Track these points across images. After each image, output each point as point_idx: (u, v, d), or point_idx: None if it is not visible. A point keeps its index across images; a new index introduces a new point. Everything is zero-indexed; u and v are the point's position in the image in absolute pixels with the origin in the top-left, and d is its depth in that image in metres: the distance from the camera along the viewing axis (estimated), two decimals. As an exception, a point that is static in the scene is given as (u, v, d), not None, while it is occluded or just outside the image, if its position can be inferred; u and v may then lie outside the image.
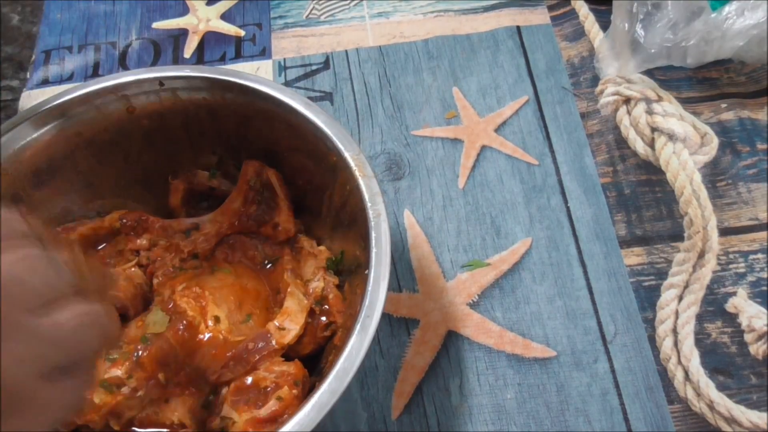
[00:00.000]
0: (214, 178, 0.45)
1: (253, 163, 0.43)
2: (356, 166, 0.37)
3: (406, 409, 0.42)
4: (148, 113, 0.42)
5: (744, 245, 0.46)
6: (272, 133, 0.41)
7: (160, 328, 0.37)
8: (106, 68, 0.57)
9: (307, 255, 0.42)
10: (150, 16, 0.60)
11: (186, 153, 0.45)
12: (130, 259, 0.42)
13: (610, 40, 0.54)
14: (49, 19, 0.60)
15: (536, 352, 0.43)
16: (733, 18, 0.48)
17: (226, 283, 0.40)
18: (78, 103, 0.40)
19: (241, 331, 0.38)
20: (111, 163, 0.43)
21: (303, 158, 0.41)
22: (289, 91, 0.39)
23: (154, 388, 0.37)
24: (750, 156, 0.50)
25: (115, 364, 0.36)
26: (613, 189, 0.49)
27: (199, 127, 0.43)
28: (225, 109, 0.41)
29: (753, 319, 0.44)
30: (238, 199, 0.43)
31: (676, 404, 0.42)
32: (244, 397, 0.36)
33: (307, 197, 0.43)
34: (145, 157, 0.44)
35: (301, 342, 0.39)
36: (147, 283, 0.42)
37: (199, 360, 0.37)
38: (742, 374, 0.42)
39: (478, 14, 0.59)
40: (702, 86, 0.54)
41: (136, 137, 0.43)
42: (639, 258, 0.46)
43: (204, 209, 0.45)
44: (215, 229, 0.43)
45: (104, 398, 0.36)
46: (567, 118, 0.53)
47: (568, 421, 0.41)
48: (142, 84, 0.41)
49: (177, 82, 0.41)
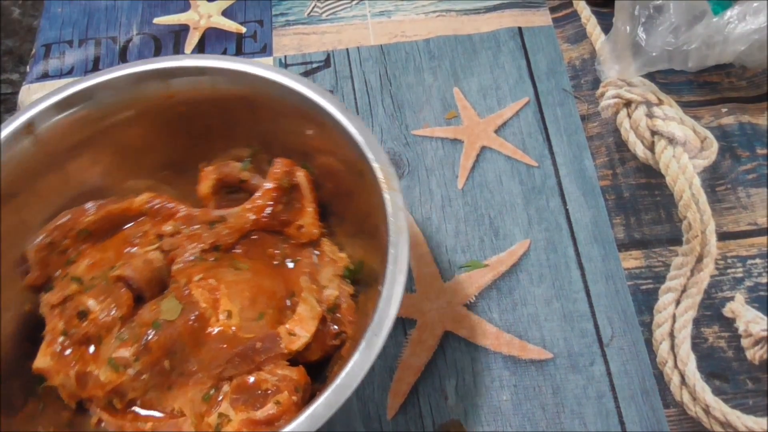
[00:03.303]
0: (246, 171, 0.45)
1: (285, 160, 0.42)
2: (383, 179, 0.36)
3: (402, 409, 0.42)
4: (185, 100, 0.42)
5: (742, 250, 0.46)
6: (306, 133, 0.41)
7: (172, 315, 0.37)
8: (106, 63, 0.57)
9: (327, 260, 0.42)
10: (151, 12, 0.60)
11: (220, 143, 0.45)
12: (153, 242, 0.42)
13: (611, 42, 0.53)
14: (49, 13, 0.60)
15: (533, 354, 0.43)
16: (734, 22, 0.48)
17: (243, 279, 0.40)
18: (121, 83, 0.41)
19: (251, 329, 0.38)
20: (145, 145, 0.44)
21: (333, 162, 0.41)
22: (326, 94, 0.39)
23: (158, 374, 0.37)
24: (750, 161, 0.50)
25: (124, 344, 0.37)
26: (612, 192, 0.49)
27: (235, 118, 0.43)
28: (262, 104, 0.41)
29: (750, 324, 0.44)
30: (266, 196, 0.42)
31: (671, 408, 0.42)
32: (243, 396, 0.36)
33: (334, 201, 0.43)
34: (180, 143, 0.44)
35: (309, 348, 0.38)
36: (166, 268, 0.42)
37: (206, 352, 0.37)
38: (739, 379, 0.42)
39: (480, 15, 0.59)
40: (703, 90, 0.54)
41: (173, 122, 0.43)
42: (637, 261, 0.46)
43: (232, 201, 0.45)
44: (240, 223, 0.42)
45: (110, 376, 0.37)
46: (567, 120, 0.53)
47: (564, 423, 0.41)
48: (183, 71, 0.41)
49: (217, 72, 0.41)
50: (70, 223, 0.42)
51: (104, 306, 0.39)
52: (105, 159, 0.43)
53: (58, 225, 0.42)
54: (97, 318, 0.38)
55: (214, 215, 0.43)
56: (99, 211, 0.43)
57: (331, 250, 0.42)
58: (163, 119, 0.43)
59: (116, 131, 0.42)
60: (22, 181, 0.40)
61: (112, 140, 0.43)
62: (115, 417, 0.38)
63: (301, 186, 0.42)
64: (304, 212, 0.42)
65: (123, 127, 0.42)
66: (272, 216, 0.42)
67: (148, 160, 0.45)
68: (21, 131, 0.39)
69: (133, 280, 0.40)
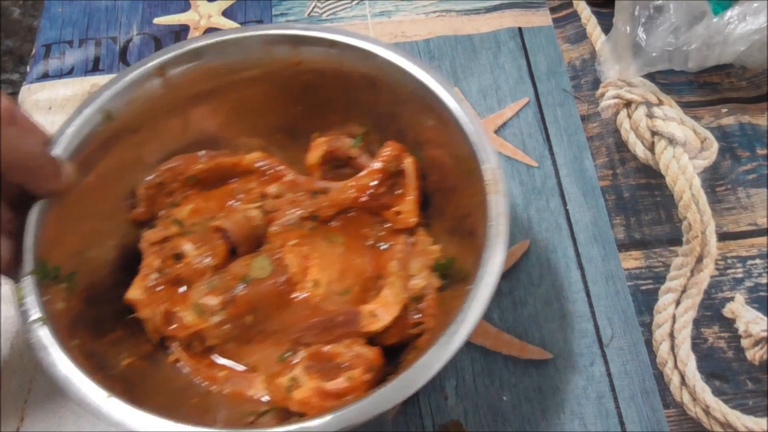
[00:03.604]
0: (356, 148, 0.45)
1: (396, 145, 0.43)
2: (491, 181, 0.36)
3: (402, 410, 0.42)
4: (312, 69, 0.43)
5: (742, 250, 0.46)
6: (422, 123, 0.41)
7: (263, 274, 0.39)
8: (106, 63, 0.57)
9: (420, 250, 0.42)
10: (151, 12, 0.60)
11: (336, 116, 0.45)
12: (256, 200, 0.44)
13: (611, 43, 0.53)
14: (50, 13, 0.60)
15: (532, 355, 0.43)
16: (734, 23, 0.48)
17: (335, 253, 0.41)
18: (252, 43, 0.42)
19: (335, 302, 0.39)
20: (265, 105, 0.45)
21: (444, 155, 0.41)
22: (450, 88, 0.39)
23: (240, 327, 0.39)
24: (750, 161, 0.50)
25: (212, 292, 0.39)
26: (613, 192, 0.49)
27: (356, 95, 0.44)
28: (385, 86, 0.42)
29: (750, 325, 0.44)
30: (371, 176, 0.42)
31: (671, 408, 0.41)
32: (317, 365, 0.37)
33: (436, 194, 0.43)
34: (298, 109, 0.45)
35: (387, 332, 0.39)
36: (263, 227, 0.43)
37: (288, 315, 0.38)
38: (739, 379, 0.42)
39: (480, 15, 0.59)
40: (703, 91, 0.54)
41: (295, 88, 0.44)
42: (637, 262, 0.46)
43: (336, 176, 0.45)
44: (341, 198, 0.43)
45: (194, 320, 0.38)
46: (567, 121, 0.53)
47: (564, 423, 0.41)
48: (315, 41, 0.42)
49: (347, 48, 0.42)
50: (181, 167, 0.44)
51: (200, 252, 0.40)
52: (225, 112, 0.45)
53: (170, 167, 0.43)
54: (192, 262, 0.40)
55: (318, 186, 0.44)
56: (210, 161, 0.44)
57: (426, 241, 0.43)
58: (286, 84, 0.44)
59: (240, 87, 0.44)
60: (145, 119, 0.42)
61: (235, 96, 0.44)
62: (192, 359, 0.40)
63: (407, 173, 0.42)
64: (405, 199, 0.43)
65: (247, 85, 0.44)
66: (373, 197, 0.42)
67: (265, 121, 0.46)
68: (153, 72, 0.41)
69: (231, 233, 0.42)
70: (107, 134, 0.40)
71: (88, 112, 0.40)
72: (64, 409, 0.41)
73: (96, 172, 0.40)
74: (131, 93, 0.41)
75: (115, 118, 0.40)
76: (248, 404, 0.38)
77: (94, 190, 0.40)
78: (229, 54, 0.42)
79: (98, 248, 0.41)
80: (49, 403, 0.42)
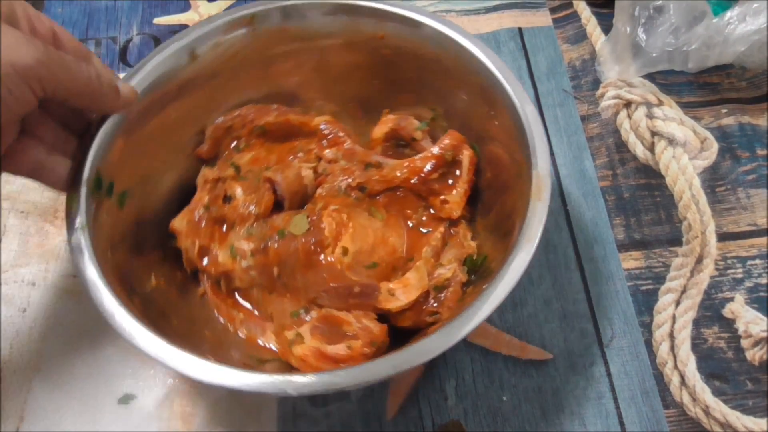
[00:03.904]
0: (420, 131, 0.46)
1: (457, 135, 0.43)
2: (535, 186, 0.36)
3: (401, 410, 0.42)
4: (393, 45, 0.44)
5: (742, 251, 0.46)
6: (488, 119, 0.42)
7: (298, 231, 0.40)
8: (106, 63, 0.57)
9: (456, 242, 0.43)
10: (151, 12, 0.60)
11: (408, 97, 0.46)
12: (311, 161, 0.45)
13: (611, 43, 0.53)
14: (50, 13, 0.60)
15: (532, 355, 0.43)
16: (734, 23, 0.48)
17: (372, 226, 0.41)
18: (335, 11, 0.43)
19: (359, 273, 0.39)
20: (343, 73, 0.46)
21: (502, 154, 0.41)
22: (523, 91, 0.39)
23: (265, 276, 0.40)
24: (749, 161, 0.50)
25: (248, 239, 0.41)
26: (613, 193, 0.49)
27: (431, 79, 0.44)
28: (460, 75, 0.42)
29: (750, 325, 0.44)
30: (426, 161, 0.43)
31: (671, 409, 0.41)
32: (324, 327, 0.38)
33: (487, 191, 0.44)
34: (373, 83, 0.47)
35: (403, 314, 0.39)
36: (312, 188, 0.44)
37: (311, 275, 0.39)
38: (738, 380, 0.42)
39: (480, 15, 0.59)
40: (703, 91, 0.54)
41: (374, 62, 0.45)
42: (637, 262, 0.46)
43: (396, 154, 0.46)
44: (392, 175, 0.43)
45: (226, 260, 0.41)
46: (567, 121, 0.53)
47: (564, 424, 0.41)
48: (400, 18, 0.43)
49: (431, 31, 0.42)
50: (252, 116, 0.45)
51: (248, 199, 0.42)
52: (306, 73, 0.47)
53: (241, 114, 0.45)
54: (238, 206, 0.42)
55: (373, 159, 0.44)
56: (280, 115, 0.46)
57: (465, 234, 0.43)
58: (367, 56, 0.45)
59: (324, 52, 0.45)
60: (227, 65, 0.44)
61: (318, 59, 0.46)
62: (217, 296, 0.42)
63: (462, 164, 0.43)
64: (454, 190, 0.43)
65: (330, 51, 0.45)
66: (424, 181, 0.43)
67: (342, 89, 0.47)
68: (243, 21, 0.43)
69: (280, 187, 0.43)
70: (188, 73, 0.42)
71: (174, 48, 0.41)
72: (64, 409, 0.41)
73: (172, 107, 0.42)
74: (219, 37, 0.42)
75: (199, 58, 0.42)
76: (257, 350, 0.40)
77: (166, 123, 0.42)
78: (312, 19, 0.44)
79: (158, 176, 0.43)
80: (49, 403, 0.42)
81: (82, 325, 0.44)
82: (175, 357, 0.32)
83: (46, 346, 0.44)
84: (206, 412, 0.41)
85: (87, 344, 0.44)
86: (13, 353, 0.43)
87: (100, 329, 0.44)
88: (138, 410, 0.41)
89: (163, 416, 0.41)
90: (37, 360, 0.43)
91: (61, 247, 0.47)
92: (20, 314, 0.45)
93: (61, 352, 0.43)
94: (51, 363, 0.43)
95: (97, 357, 0.43)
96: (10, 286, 0.46)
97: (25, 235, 0.48)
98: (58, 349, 0.43)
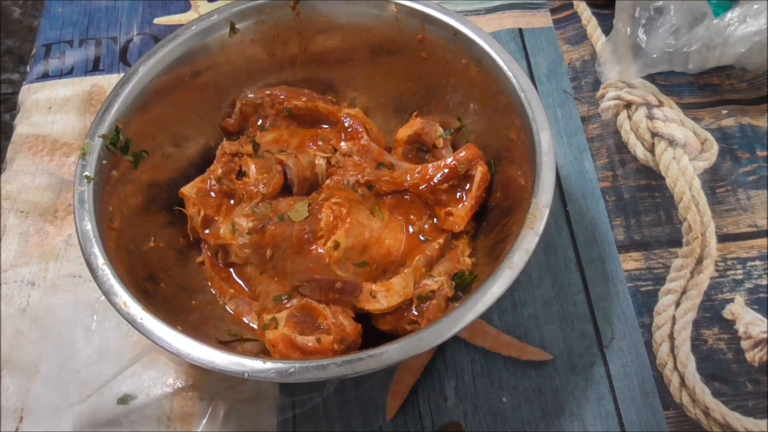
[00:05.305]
0: (443, 139, 0.46)
1: (474, 150, 0.43)
2: (531, 215, 0.36)
3: (401, 410, 0.42)
4: (431, 48, 0.45)
5: (742, 252, 0.46)
6: (509, 137, 0.42)
7: (297, 217, 0.40)
8: (106, 63, 0.57)
9: (452, 257, 0.42)
10: (151, 12, 0.60)
11: (439, 103, 0.47)
12: (327, 151, 0.46)
13: (612, 44, 0.53)
14: (50, 13, 0.60)
15: (532, 356, 0.43)
16: (735, 24, 0.48)
17: (370, 226, 0.41)
18: (380, 7, 0.44)
19: (346, 269, 0.39)
20: (386, 73, 0.48)
21: (516, 177, 0.41)
22: (546, 121, 0.39)
23: (258, 256, 0.41)
24: (750, 163, 0.50)
25: (249, 216, 0.41)
26: (613, 193, 0.49)
27: (462, 89, 0.45)
28: (490, 89, 0.43)
29: (750, 326, 0.44)
30: (438, 170, 0.43)
31: (671, 410, 0.41)
32: (301, 317, 0.38)
33: (494, 210, 0.44)
34: (408, 84, 0.47)
35: (383, 318, 0.39)
36: (322, 177, 0.45)
37: (299, 263, 0.39)
38: (738, 381, 0.42)
39: (481, 16, 0.59)
40: (703, 92, 0.54)
41: (412, 62, 0.46)
42: (637, 263, 0.46)
43: (416, 158, 0.47)
44: (401, 178, 0.43)
45: (226, 234, 0.41)
46: (567, 122, 0.53)
47: (563, 424, 0.41)
48: (441, 24, 0.43)
49: (469, 43, 0.43)
50: (283, 97, 0.46)
51: (260, 178, 0.43)
52: (344, 64, 0.47)
53: (273, 93, 0.46)
54: (249, 183, 0.43)
55: (386, 160, 0.45)
56: (310, 101, 0.47)
57: (463, 250, 0.43)
58: (405, 55, 0.46)
59: (368, 47, 0.46)
60: (268, 41, 0.45)
61: (362, 52, 0.47)
62: (213, 267, 0.43)
63: (474, 180, 0.43)
64: (461, 203, 0.43)
65: (373, 48, 0.46)
66: (432, 190, 0.43)
67: (379, 85, 0.48)
68: (287, 3, 0.44)
69: (290, 171, 0.44)
70: (227, 44, 0.43)
71: (215, 19, 0.43)
72: (64, 408, 0.41)
73: (206, 75, 0.43)
74: (260, 15, 0.44)
75: (239, 31, 0.43)
76: (239, 327, 0.41)
77: (199, 90, 0.44)
78: (360, 11, 0.45)
79: (182, 141, 0.44)
80: (49, 403, 0.42)
81: (81, 325, 0.44)
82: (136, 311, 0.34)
83: (46, 346, 0.44)
84: (206, 412, 0.41)
85: (87, 344, 0.44)
86: (13, 353, 0.43)
87: (100, 329, 0.44)
88: (138, 410, 0.41)
89: (163, 416, 0.41)
90: (37, 360, 0.43)
91: (61, 247, 0.47)
92: (20, 314, 0.45)
93: (61, 352, 0.43)
94: (51, 363, 0.43)
95: (97, 357, 0.43)
96: (10, 286, 0.46)
97: (24, 235, 0.48)
98: (57, 349, 0.43)
